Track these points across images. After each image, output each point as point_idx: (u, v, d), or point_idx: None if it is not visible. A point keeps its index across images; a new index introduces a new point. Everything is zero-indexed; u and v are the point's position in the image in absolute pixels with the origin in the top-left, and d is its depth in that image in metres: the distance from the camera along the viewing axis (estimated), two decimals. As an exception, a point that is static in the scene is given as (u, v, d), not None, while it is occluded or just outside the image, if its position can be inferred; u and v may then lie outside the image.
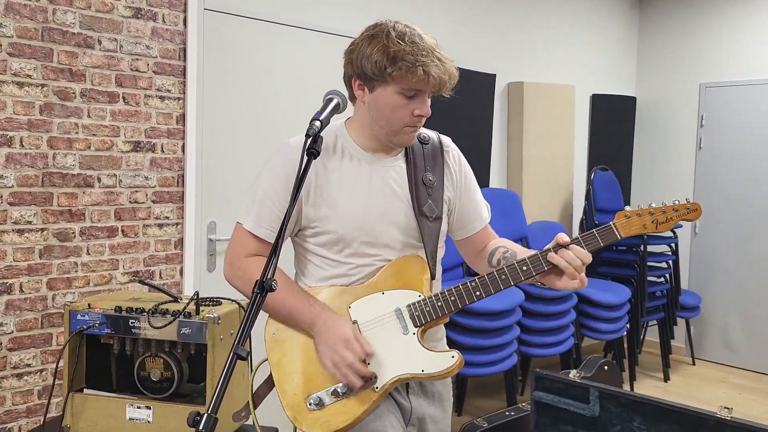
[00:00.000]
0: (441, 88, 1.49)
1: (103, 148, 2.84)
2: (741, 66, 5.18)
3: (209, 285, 3.17)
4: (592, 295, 4.27)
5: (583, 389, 3.04)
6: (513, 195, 4.50)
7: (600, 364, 3.76)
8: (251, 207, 1.56)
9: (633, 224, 1.54)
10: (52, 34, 2.67)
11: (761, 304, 5.08)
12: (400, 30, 1.47)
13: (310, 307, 1.51)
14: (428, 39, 1.49)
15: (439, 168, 1.63)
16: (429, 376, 1.49)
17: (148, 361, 1.95)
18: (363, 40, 1.51)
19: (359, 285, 1.55)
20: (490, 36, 4.51)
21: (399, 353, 1.49)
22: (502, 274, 1.52)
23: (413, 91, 1.47)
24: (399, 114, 1.49)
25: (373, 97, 1.51)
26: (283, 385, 1.50)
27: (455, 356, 1.49)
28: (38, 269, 2.69)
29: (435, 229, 1.59)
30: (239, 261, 1.58)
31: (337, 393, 1.46)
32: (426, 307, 1.51)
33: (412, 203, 1.57)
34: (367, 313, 1.52)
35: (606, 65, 5.47)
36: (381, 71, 1.45)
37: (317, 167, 1.54)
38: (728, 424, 2.64)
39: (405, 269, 1.55)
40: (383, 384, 1.47)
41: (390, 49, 1.44)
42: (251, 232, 1.56)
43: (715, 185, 5.31)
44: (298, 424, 1.47)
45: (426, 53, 1.43)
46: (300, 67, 3.46)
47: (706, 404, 3.90)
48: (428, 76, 1.43)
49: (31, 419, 2.70)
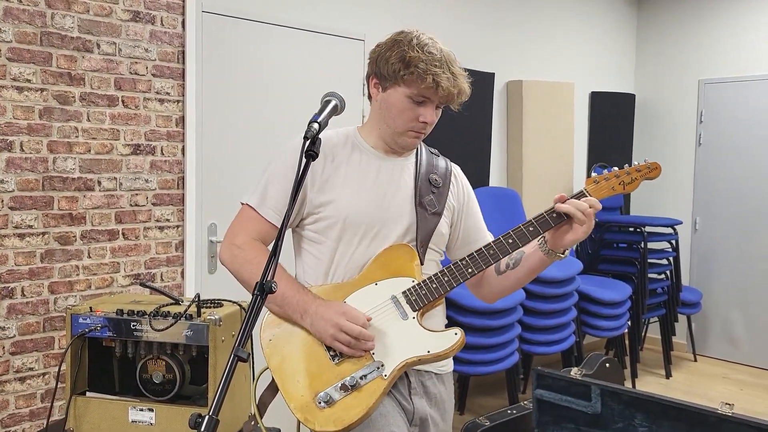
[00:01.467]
0: (449, 100, 1.55)
1: (103, 151, 2.85)
2: (740, 62, 5.18)
3: (211, 287, 3.18)
4: (593, 292, 4.28)
5: (584, 387, 3.05)
6: (513, 193, 4.50)
7: (601, 361, 3.77)
8: (257, 188, 1.61)
9: (602, 187, 1.62)
10: (51, 39, 2.68)
11: (762, 300, 5.09)
12: (422, 40, 1.54)
13: (303, 295, 1.52)
14: (447, 54, 1.55)
15: (446, 179, 1.69)
16: (435, 356, 1.50)
17: (150, 363, 1.96)
18: (386, 43, 1.57)
19: (350, 280, 1.56)
20: (489, 35, 4.51)
21: (402, 338, 1.50)
22: (509, 238, 1.55)
23: (422, 97, 1.53)
24: (405, 116, 1.55)
25: (385, 95, 1.57)
26: (288, 389, 1.49)
27: (458, 333, 1.52)
28: (40, 273, 2.70)
29: (432, 222, 1.61)
30: (240, 241, 1.58)
31: (345, 387, 1.46)
32: (421, 290, 1.53)
33: (414, 194, 1.60)
34: (364, 305, 1.53)
35: (605, 62, 5.47)
36: (395, 73, 1.52)
37: (327, 158, 1.58)
38: (730, 421, 2.64)
39: (393, 259, 1.56)
40: (391, 370, 1.47)
41: (407, 55, 1.51)
42: (255, 209, 1.58)
43: (714, 181, 5.31)
44: (310, 425, 1.46)
45: (439, 65, 1.50)
46: (299, 68, 3.46)
47: (707, 400, 3.91)
48: (437, 86, 1.50)
49: (34, 423, 2.70)
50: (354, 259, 1.57)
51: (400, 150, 1.63)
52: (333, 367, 1.49)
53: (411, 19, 3.80)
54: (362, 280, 1.55)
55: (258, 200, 1.59)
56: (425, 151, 1.71)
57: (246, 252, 1.57)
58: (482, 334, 3.56)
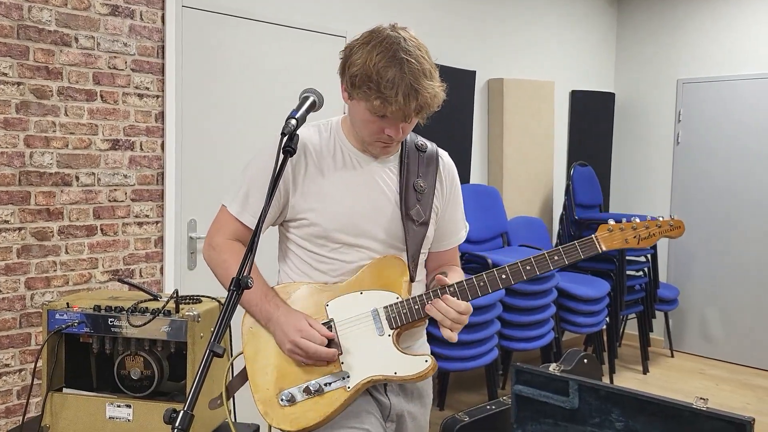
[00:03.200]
0: (406, 118, 1.44)
1: (81, 146, 2.82)
2: (718, 62, 5.26)
3: (190, 283, 3.17)
4: (571, 289, 4.32)
5: (563, 382, 3.08)
6: (493, 191, 4.53)
7: (580, 357, 3.80)
8: (238, 192, 1.58)
9: (615, 238, 1.55)
10: (27, 32, 2.65)
11: (738, 297, 5.17)
12: (385, 48, 1.40)
13: (266, 304, 1.51)
14: (414, 63, 1.40)
15: (432, 176, 1.64)
16: (401, 379, 1.49)
17: (128, 359, 1.95)
18: (354, 46, 1.46)
19: (338, 283, 1.56)
20: (470, 33, 4.53)
21: (373, 354, 1.49)
22: (503, 273, 1.55)
23: (381, 112, 1.43)
24: (369, 129, 1.50)
25: (351, 104, 1.52)
26: (256, 380, 1.50)
27: (428, 360, 1.49)
28: (16, 269, 2.67)
29: (420, 234, 1.59)
30: (216, 242, 1.59)
31: (309, 390, 1.47)
32: (402, 309, 1.51)
33: (400, 206, 1.57)
34: (344, 312, 1.52)
35: (585, 61, 5.52)
36: (353, 87, 1.45)
37: (308, 162, 1.55)
38: (703, 415, 2.69)
39: (384, 270, 1.55)
40: (355, 384, 1.47)
41: (362, 71, 1.40)
42: (236, 217, 1.57)
43: (692, 179, 5.38)
44: (268, 419, 1.48)
45: (392, 85, 1.38)
46: (279, 64, 3.45)
47: (683, 395, 3.97)
48: (385, 108, 1.41)
49: (10, 419, 2.68)
50: (339, 265, 1.56)
51: (374, 156, 1.59)
52: (302, 368, 1.49)
53: (392, 17, 3.78)
54: (349, 287, 1.54)
55: (239, 208, 1.57)
56: (411, 146, 1.64)
57: (220, 254, 1.57)
58: (462, 330, 3.57)
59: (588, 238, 1.55)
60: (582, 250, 1.54)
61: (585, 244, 1.54)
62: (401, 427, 1.62)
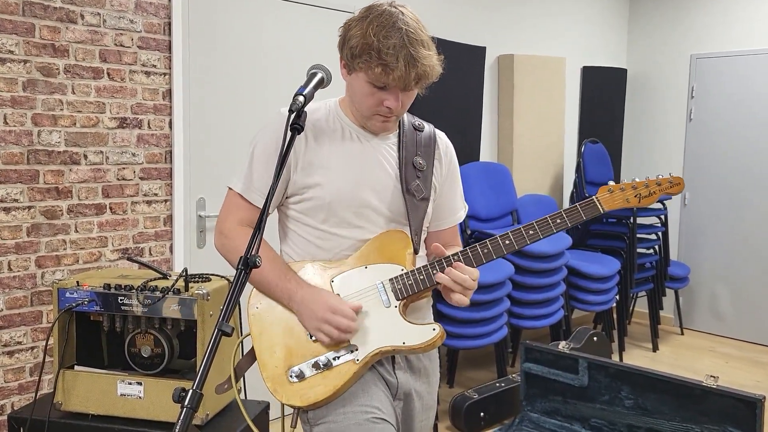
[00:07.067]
0: (407, 87, 1.45)
1: (89, 124, 2.81)
2: (731, 37, 5.16)
3: (200, 261, 3.17)
4: (582, 267, 4.30)
5: (572, 360, 3.08)
6: (503, 168, 4.50)
7: (589, 335, 3.81)
8: (242, 171, 1.58)
9: (616, 198, 1.55)
10: (33, 9, 2.62)
11: (749, 275, 5.13)
12: (384, 19, 1.42)
13: (287, 282, 1.51)
14: (413, 33, 1.42)
15: (430, 156, 1.64)
16: (410, 349, 1.50)
17: (138, 337, 1.96)
18: (353, 21, 1.49)
19: (342, 259, 1.56)
20: (480, 8, 4.46)
21: (381, 326, 1.50)
22: (506, 239, 1.53)
23: (382, 83, 1.45)
24: (369, 102, 1.50)
25: (350, 79, 1.52)
26: (264, 359, 1.51)
27: (436, 329, 1.50)
28: (26, 247, 2.68)
29: (421, 208, 1.60)
30: (227, 228, 1.58)
31: (318, 365, 1.47)
32: (408, 280, 1.52)
33: (401, 181, 1.57)
34: (349, 287, 1.52)
35: (597, 37, 5.44)
36: (353, 59, 1.46)
37: (308, 136, 1.54)
38: (714, 392, 2.68)
39: (388, 244, 1.56)
40: (364, 356, 1.48)
41: (361, 41, 1.42)
42: (241, 194, 1.56)
43: (704, 157, 5.32)
44: (278, 396, 1.49)
45: (394, 51, 1.39)
46: (287, 40, 3.42)
47: (693, 373, 3.97)
48: (387, 75, 1.42)
49: (23, 396, 2.71)
50: (340, 241, 1.56)
51: (374, 133, 1.59)
52: (309, 344, 1.50)
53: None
54: (354, 262, 1.55)
55: (244, 186, 1.56)
56: (408, 126, 1.66)
57: (231, 240, 1.56)
58: (471, 308, 3.58)
59: (589, 200, 1.54)
60: (584, 211, 1.53)
61: (586, 206, 1.54)
62: (409, 405, 1.63)
